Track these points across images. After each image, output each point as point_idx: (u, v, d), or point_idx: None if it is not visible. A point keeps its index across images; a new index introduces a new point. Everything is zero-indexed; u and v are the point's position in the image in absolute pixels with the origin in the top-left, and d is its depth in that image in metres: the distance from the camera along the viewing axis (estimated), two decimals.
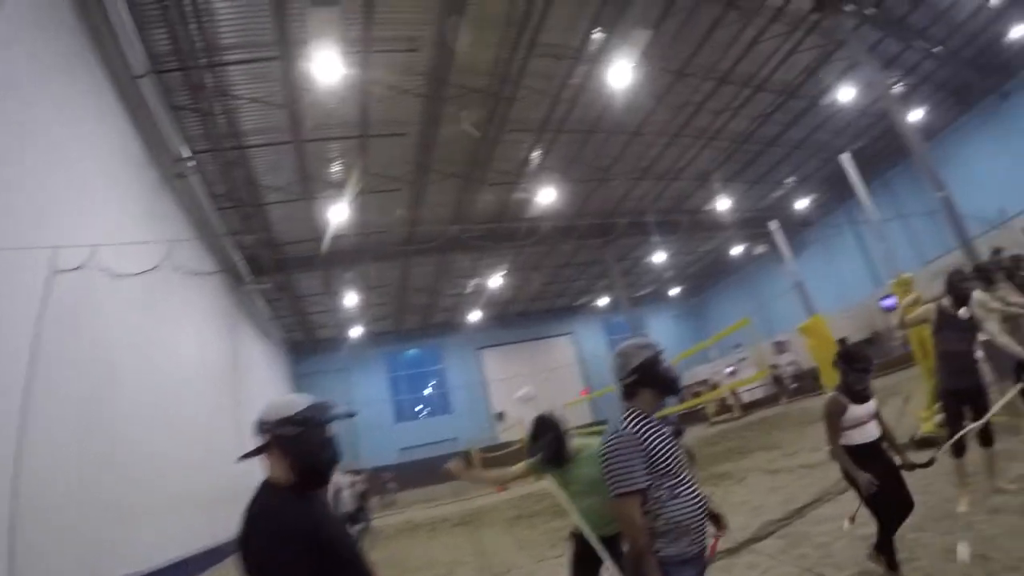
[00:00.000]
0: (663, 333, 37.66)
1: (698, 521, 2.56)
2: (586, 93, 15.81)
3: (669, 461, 2.55)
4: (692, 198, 25.19)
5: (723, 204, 24.55)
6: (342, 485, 11.26)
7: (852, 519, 4.69)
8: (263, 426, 2.22)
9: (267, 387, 23.38)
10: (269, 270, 19.57)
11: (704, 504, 2.63)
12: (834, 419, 4.15)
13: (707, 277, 38.24)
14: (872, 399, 4.18)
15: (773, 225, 11.79)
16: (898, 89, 19.24)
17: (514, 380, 33.66)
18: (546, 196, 19.69)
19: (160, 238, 10.94)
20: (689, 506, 2.53)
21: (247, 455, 2.27)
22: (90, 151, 8.71)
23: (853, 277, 27.64)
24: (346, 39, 11.50)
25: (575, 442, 3.87)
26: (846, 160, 10.80)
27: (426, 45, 13.15)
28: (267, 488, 2.21)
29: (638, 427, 2.57)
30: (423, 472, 26.21)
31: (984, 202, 18.72)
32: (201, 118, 12.28)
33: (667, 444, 2.59)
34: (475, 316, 32.50)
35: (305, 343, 31.50)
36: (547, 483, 4.09)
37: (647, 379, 2.70)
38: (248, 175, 15.52)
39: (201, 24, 10.46)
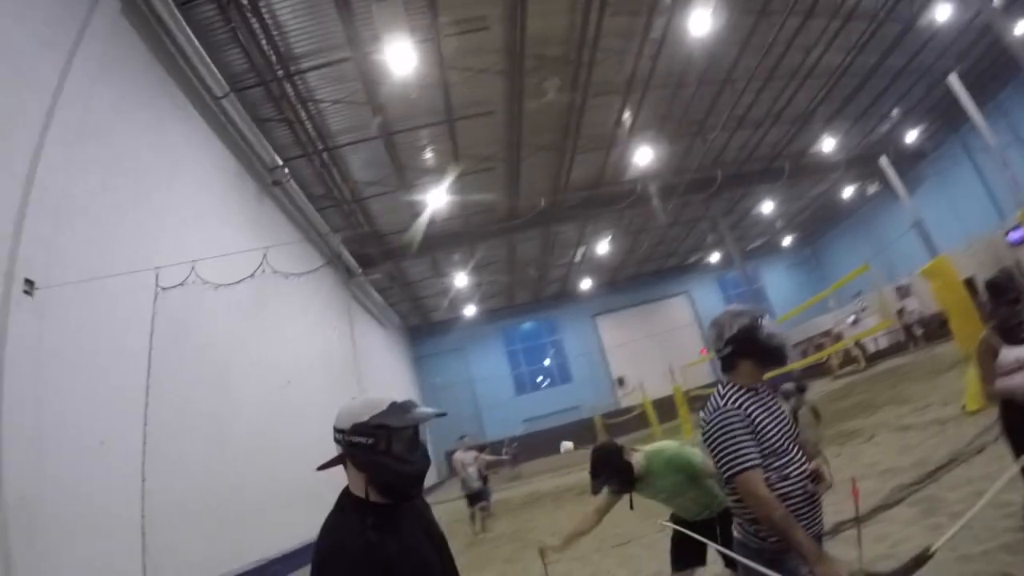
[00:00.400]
0: (778, 285, 36.50)
1: (809, 502, 2.36)
2: (668, 46, 15.10)
3: (777, 438, 2.38)
4: (794, 142, 23.70)
5: (827, 145, 23.14)
6: (466, 462, 11.57)
7: None
8: (337, 434, 1.90)
9: (388, 372, 24.48)
10: (377, 261, 20.35)
11: (812, 484, 2.40)
12: (986, 362, 3.54)
13: (820, 223, 36.05)
14: None
15: (883, 161, 10.77)
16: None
17: (631, 344, 33.52)
18: (643, 156, 19.23)
19: (265, 244, 11.59)
20: (801, 486, 2.34)
21: (324, 466, 1.99)
22: (186, 174, 9.37)
23: (975, 210, 24.99)
24: (415, 28, 11.61)
25: (641, 458, 3.71)
26: (954, 81, 9.74)
27: (496, 21, 13.02)
28: (342, 501, 1.93)
29: (741, 402, 2.40)
30: (547, 442, 26.65)
31: None
32: (288, 126, 12.82)
33: (775, 419, 2.43)
34: (586, 284, 32.51)
35: (422, 326, 32.70)
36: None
37: (746, 349, 2.50)
38: (343, 174, 16.08)
39: (271, 39, 10.85)
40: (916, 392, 11.88)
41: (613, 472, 3.64)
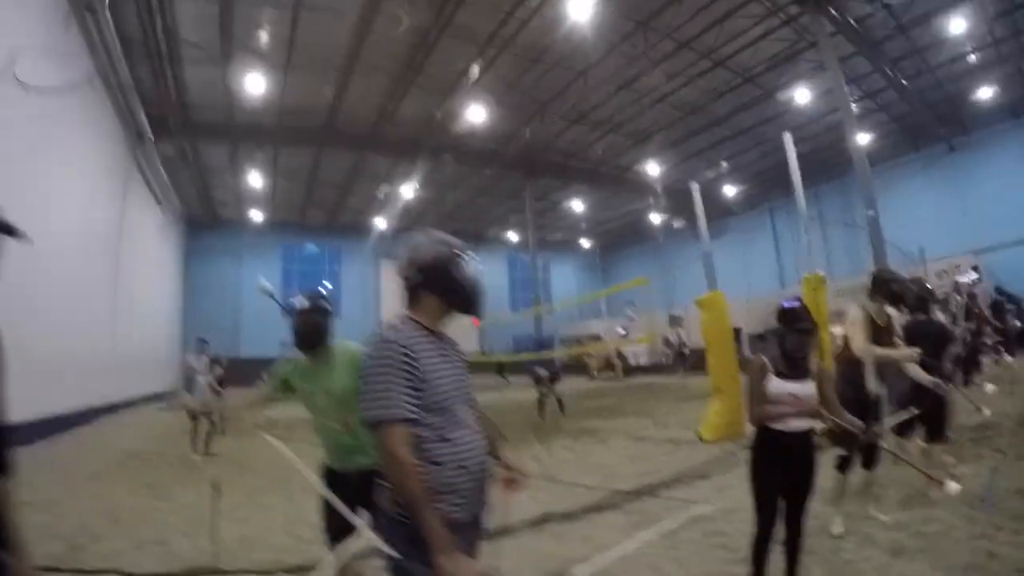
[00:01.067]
0: (564, 280, 38.93)
1: (471, 477, 1.97)
2: (541, 17, 15.15)
3: (448, 394, 1.98)
4: (625, 155, 24.97)
5: (654, 169, 24.33)
6: (197, 369, 10.20)
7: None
8: None
9: (154, 259, 22.16)
10: (174, 132, 18.20)
11: (483, 457, 2.05)
12: (758, 384, 3.35)
13: (621, 237, 38.53)
14: (810, 379, 3.34)
15: (693, 186, 11.58)
16: (855, 108, 18.34)
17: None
18: (476, 115, 19.21)
19: (56, 75, 9.95)
20: (461, 456, 1.95)
21: None
22: None
23: (762, 274, 28.78)
24: None
25: (337, 342, 3.19)
26: (788, 140, 10.45)
27: None
28: None
29: (415, 341, 1.95)
30: None
31: (906, 238, 18.91)
32: None
33: (451, 373, 2.04)
34: (382, 224, 31.73)
35: (203, 218, 29.75)
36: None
37: (437, 283, 2.07)
38: (167, 25, 14.13)
39: None
40: (661, 410, 12.87)
41: (316, 311, 3.19)
